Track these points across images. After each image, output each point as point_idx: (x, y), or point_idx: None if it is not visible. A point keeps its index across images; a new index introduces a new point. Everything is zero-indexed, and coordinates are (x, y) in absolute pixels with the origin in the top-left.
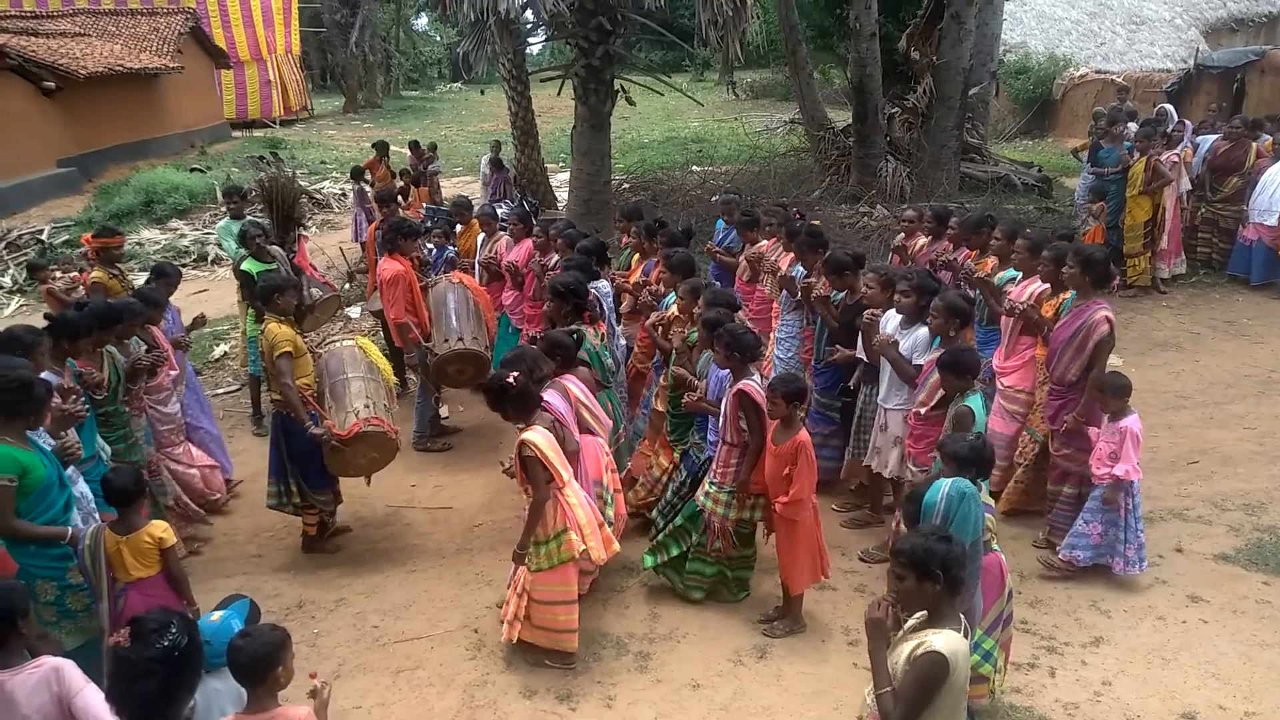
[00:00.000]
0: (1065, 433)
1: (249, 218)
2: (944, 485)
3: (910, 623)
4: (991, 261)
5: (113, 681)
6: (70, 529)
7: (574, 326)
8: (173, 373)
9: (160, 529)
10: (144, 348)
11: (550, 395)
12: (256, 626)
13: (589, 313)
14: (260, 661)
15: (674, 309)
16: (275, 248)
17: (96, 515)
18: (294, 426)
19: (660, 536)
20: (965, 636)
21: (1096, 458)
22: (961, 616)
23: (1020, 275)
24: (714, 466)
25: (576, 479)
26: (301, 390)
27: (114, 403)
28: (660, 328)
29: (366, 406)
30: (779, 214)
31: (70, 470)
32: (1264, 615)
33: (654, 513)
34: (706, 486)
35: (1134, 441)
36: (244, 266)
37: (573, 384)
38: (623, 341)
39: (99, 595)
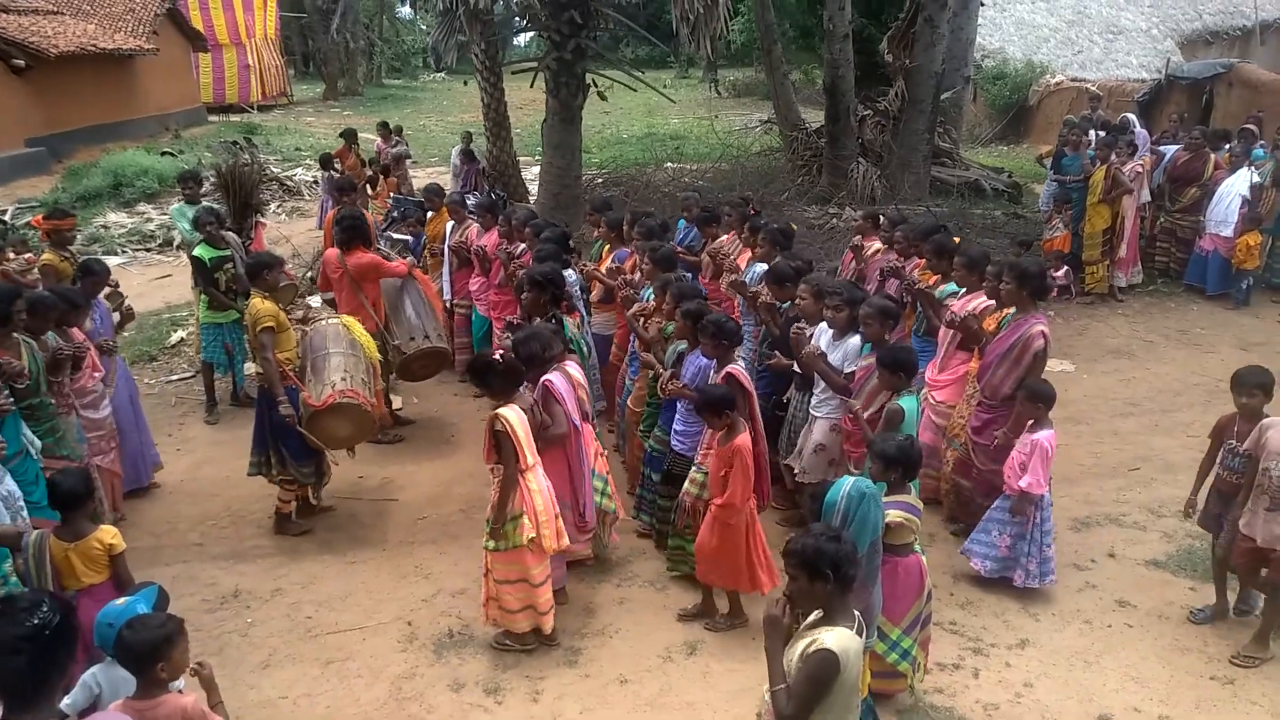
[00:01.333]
0: (995, 448)
1: (204, 204)
2: (845, 484)
3: (807, 621)
4: (935, 275)
5: None
6: None
7: (551, 315)
8: (97, 374)
9: (110, 534)
10: (60, 342)
11: (554, 376)
12: (145, 616)
13: (565, 302)
14: (144, 652)
15: (652, 301)
16: (230, 234)
17: (25, 514)
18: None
19: (670, 540)
20: (860, 634)
21: (1009, 466)
22: (857, 614)
23: (963, 290)
24: (700, 450)
25: (578, 461)
26: (282, 365)
27: (38, 394)
28: (641, 319)
29: (343, 379)
30: (739, 208)
31: None
32: (1188, 620)
33: (637, 514)
34: (693, 473)
35: (1043, 456)
36: (196, 253)
37: (573, 368)
38: (593, 330)
39: None
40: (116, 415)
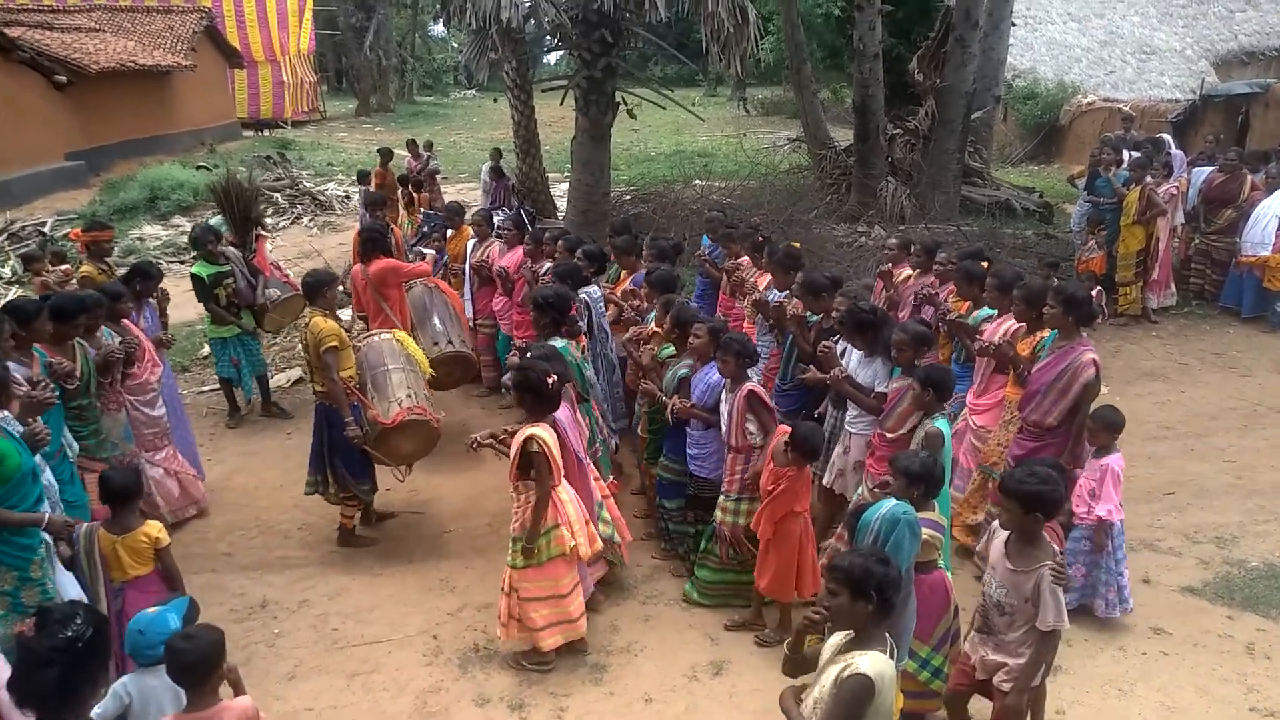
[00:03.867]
0: None
1: (203, 222)
2: (882, 508)
3: (835, 639)
4: (967, 302)
5: (16, 670)
6: (45, 513)
7: (551, 340)
8: (158, 370)
9: (155, 529)
10: (117, 339)
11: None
12: (195, 627)
13: (566, 326)
14: (204, 662)
15: (652, 325)
16: (231, 249)
17: (61, 507)
18: (336, 418)
19: (696, 569)
20: (891, 658)
21: (1076, 495)
22: (889, 638)
23: (996, 313)
24: (725, 477)
25: (583, 487)
26: (346, 383)
27: (86, 395)
28: (640, 343)
29: (409, 395)
30: (750, 235)
31: (37, 458)
32: (1224, 649)
33: (664, 544)
34: (723, 501)
35: (1114, 480)
36: (194, 270)
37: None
38: (613, 346)
39: (96, 596)
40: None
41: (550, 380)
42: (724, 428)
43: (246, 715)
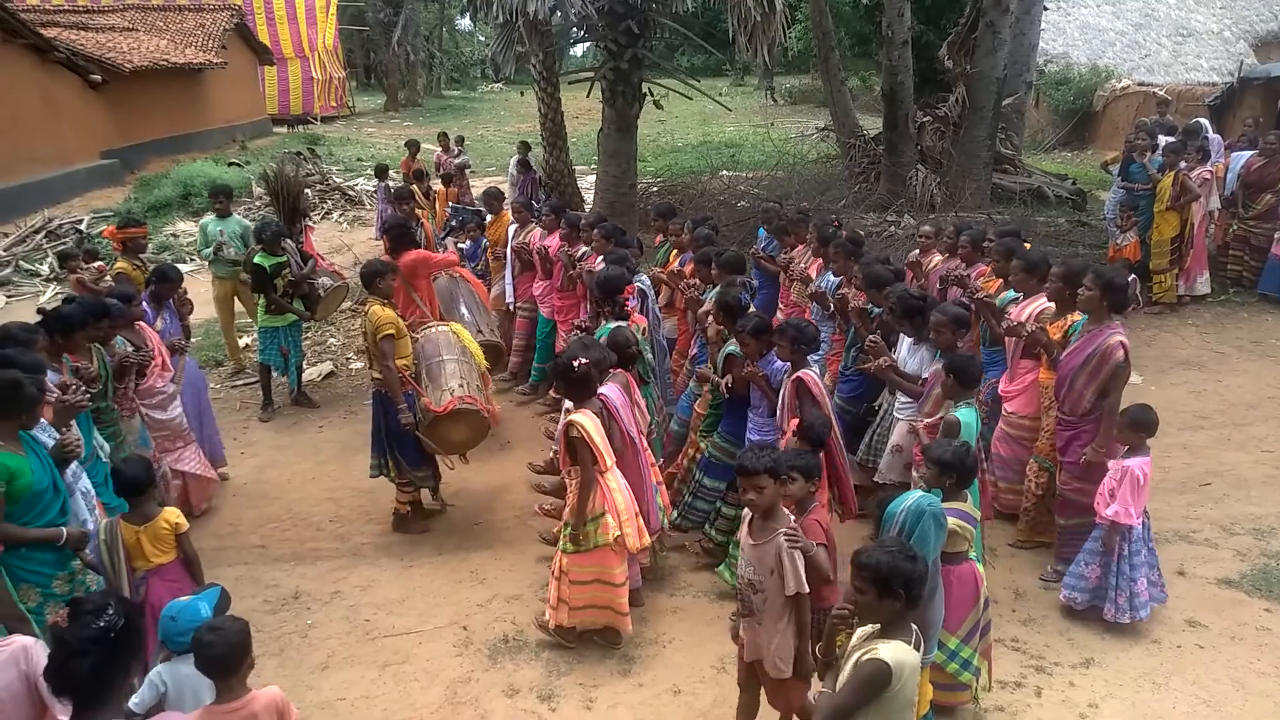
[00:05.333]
0: (1083, 465)
1: (264, 218)
2: (907, 499)
3: (864, 629)
4: (998, 282)
5: (50, 661)
6: (64, 530)
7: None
8: (167, 374)
9: (174, 514)
10: (131, 347)
11: (609, 388)
12: (222, 619)
13: (614, 308)
14: (233, 653)
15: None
16: (287, 241)
17: (97, 513)
18: (392, 404)
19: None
20: (917, 648)
21: (1100, 494)
22: (914, 629)
23: (1021, 296)
24: None
25: (636, 473)
26: (400, 371)
27: (105, 399)
28: (709, 318)
29: (461, 386)
30: (803, 220)
31: (74, 466)
32: (1263, 643)
33: (709, 529)
34: None
35: (1133, 484)
36: (256, 260)
37: (631, 380)
38: (663, 334)
39: (119, 587)
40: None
41: (578, 364)
42: (779, 413)
43: (275, 705)
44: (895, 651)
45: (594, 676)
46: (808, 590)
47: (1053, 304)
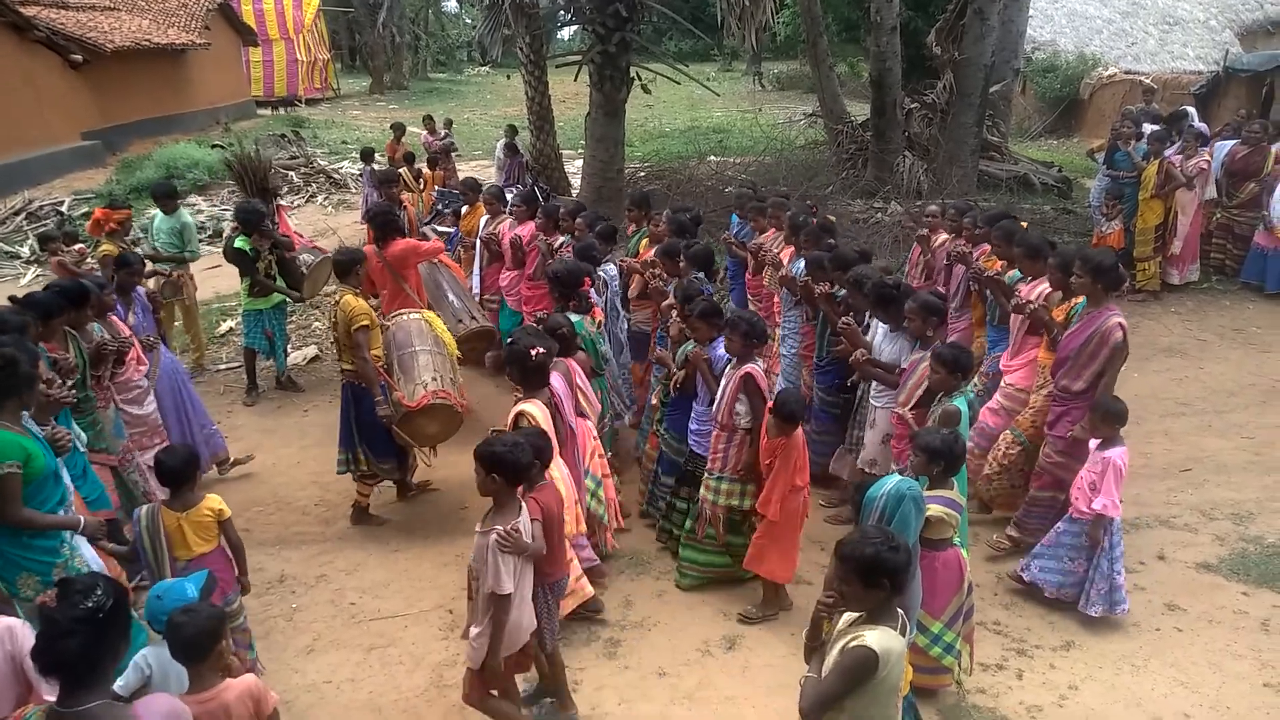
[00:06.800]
0: (1069, 441)
1: (242, 201)
2: (887, 484)
3: (849, 615)
4: (1000, 263)
5: (38, 640)
6: (80, 517)
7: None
8: (143, 368)
9: (217, 501)
10: (105, 335)
11: (553, 377)
12: (195, 604)
13: (576, 301)
14: (201, 638)
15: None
16: (267, 223)
17: (72, 508)
18: (362, 395)
19: (681, 549)
20: (902, 633)
21: (1077, 486)
22: (901, 614)
23: (1028, 278)
24: (710, 455)
25: (570, 462)
26: (374, 363)
27: (83, 389)
28: (672, 312)
29: (434, 379)
30: (781, 206)
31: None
32: (1239, 626)
33: (659, 520)
34: (707, 480)
35: (1116, 475)
36: (237, 244)
37: (575, 368)
38: (625, 325)
39: (163, 575)
40: (160, 408)
41: (534, 352)
42: (716, 404)
43: (251, 693)
44: (882, 638)
45: (579, 659)
46: (507, 593)
47: (1056, 290)
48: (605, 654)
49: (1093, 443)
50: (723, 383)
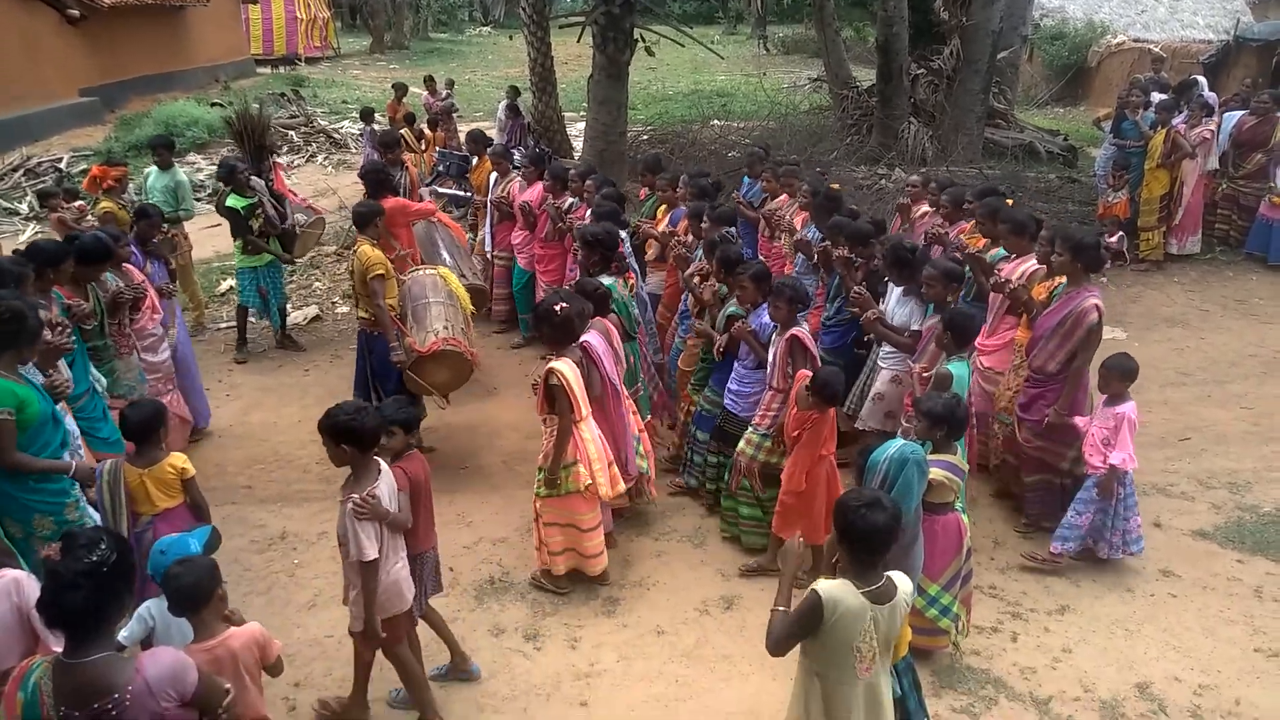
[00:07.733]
0: (1046, 426)
1: (225, 155)
2: (890, 448)
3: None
4: (983, 240)
5: (43, 593)
6: (72, 461)
7: (600, 278)
8: (157, 316)
9: (180, 460)
10: (120, 284)
11: (592, 336)
12: (189, 557)
13: (616, 263)
14: (196, 588)
15: (701, 260)
16: (256, 179)
17: (82, 452)
18: (376, 344)
19: (723, 500)
20: (887, 596)
21: (1090, 444)
22: (887, 575)
23: (1012, 255)
24: (759, 411)
25: (616, 416)
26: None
27: (101, 336)
28: (701, 279)
29: (445, 328)
30: (795, 172)
31: (59, 406)
32: (1233, 592)
33: (685, 477)
34: (749, 434)
35: (1130, 428)
36: (228, 203)
37: (612, 329)
38: (647, 288)
39: (118, 527)
40: (175, 358)
41: (558, 308)
42: (768, 369)
43: (255, 639)
44: (831, 587)
45: (578, 617)
46: (370, 559)
47: (1043, 266)
48: (604, 612)
49: (1099, 399)
50: (771, 349)
